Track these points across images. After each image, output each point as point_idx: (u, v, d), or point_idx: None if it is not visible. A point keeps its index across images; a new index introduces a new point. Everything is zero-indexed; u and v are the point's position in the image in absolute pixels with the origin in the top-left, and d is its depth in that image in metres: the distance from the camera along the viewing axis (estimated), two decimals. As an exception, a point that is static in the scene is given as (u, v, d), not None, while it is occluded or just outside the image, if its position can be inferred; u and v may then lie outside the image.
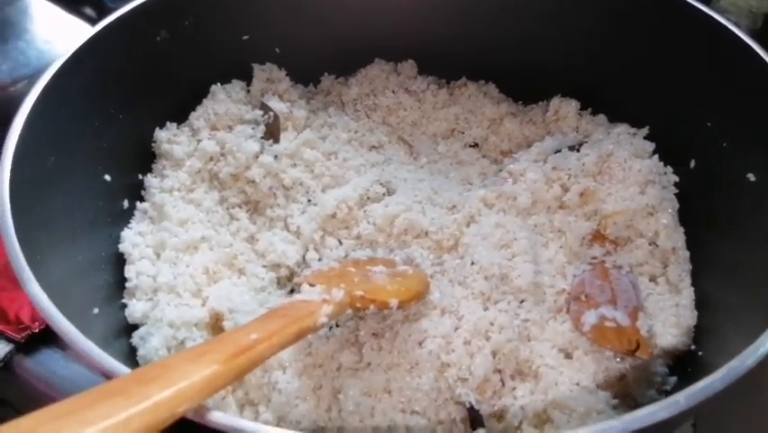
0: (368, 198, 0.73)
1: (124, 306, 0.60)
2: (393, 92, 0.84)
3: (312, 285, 0.53)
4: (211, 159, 0.72)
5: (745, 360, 0.39)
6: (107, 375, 0.37)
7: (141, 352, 0.56)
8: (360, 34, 0.82)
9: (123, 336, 0.57)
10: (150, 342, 0.56)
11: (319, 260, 0.68)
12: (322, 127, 0.80)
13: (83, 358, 0.38)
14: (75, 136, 0.59)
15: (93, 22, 0.87)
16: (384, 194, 0.73)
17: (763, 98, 0.57)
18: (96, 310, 0.54)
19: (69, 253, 0.55)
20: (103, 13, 0.67)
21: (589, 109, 0.78)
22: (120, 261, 0.63)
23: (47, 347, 0.70)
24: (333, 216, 0.70)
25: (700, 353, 0.55)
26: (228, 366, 0.36)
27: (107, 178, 0.63)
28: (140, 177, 0.70)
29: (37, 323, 0.70)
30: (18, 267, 0.42)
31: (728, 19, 0.63)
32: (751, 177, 0.57)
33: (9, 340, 0.69)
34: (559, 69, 0.78)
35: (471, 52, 0.82)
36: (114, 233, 0.64)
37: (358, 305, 0.53)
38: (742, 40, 0.60)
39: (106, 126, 0.64)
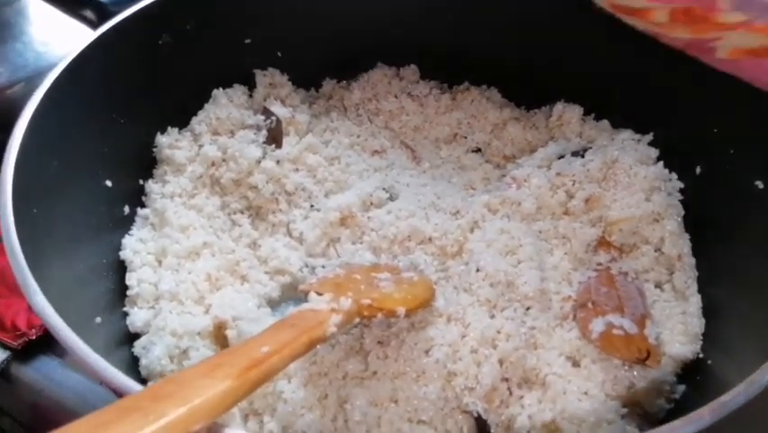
0: (371, 203, 0.72)
1: (126, 314, 0.59)
2: (395, 96, 0.83)
3: (319, 294, 0.52)
4: (213, 164, 0.71)
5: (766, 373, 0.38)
6: (116, 391, 0.37)
7: (143, 362, 0.55)
8: (362, 38, 0.82)
9: (124, 346, 0.56)
10: (152, 351, 0.55)
11: (322, 267, 0.67)
12: (324, 132, 0.80)
13: (92, 374, 0.37)
14: (77, 141, 0.58)
15: (93, 25, 0.87)
16: (387, 199, 0.73)
17: (770, 105, 0.57)
18: (98, 320, 0.53)
19: (71, 260, 0.54)
20: (103, 16, 0.66)
21: (593, 114, 0.78)
22: (121, 268, 0.62)
23: (44, 354, 0.69)
24: (336, 221, 0.69)
25: (709, 361, 0.54)
26: (241, 381, 0.35)
27: (108, 183, 0.63)
28: (141, 182, 0.69)
29: (34, 330, 0.69)
30: (22, 279, 0.41)
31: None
32: (759, 184, 0.57)
33: (5, 347, 0.68)
34: (562, 73, 0.78)
35: (474, 57, 0.82)
36: (115, 239, 0.63)
37: (365, 313, 0.52)
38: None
39: (108, 131, 0.63)
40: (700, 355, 0.56)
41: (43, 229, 0.50)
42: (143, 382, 0.55)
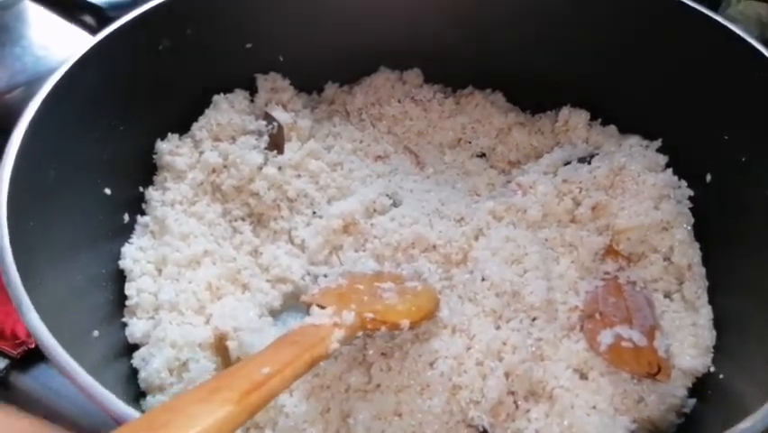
0: (374, 209, 0.71)
1: (125, 325, 0.58)
2: (399, 101, 0.82)
3: (322, 307, 0.51)
4: (213, 171, 0.70)
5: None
6: (107, 412, 0.36)
7: (142, 374, 0.54)
8: (364, 41, 0.81)
9: (123, 357, 0.55)
10: (151, 363, 0.54)
11: (325, 275, 0.66)
12: (326, 137, 0.79)
13: (87, 397, 0.36)
14: (75, 148, 0.57)
15: (92, 30, 0.86)
16: (390, 205, 0.72)
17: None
18: (95, 333, 0.52)
19: (69, 271, 0.53)
20: (103, 21, 0.65)
21: (599, 120, 0.77)
22: (120, 278, 0.61)
23: (43, 363, 0.68)
24: (339, 228, 0.68)
25: (721, 375, 0.53)
26: (242, 406, 0.34)
27: (107, 191, 0.62)
28: (140, 190, 0.68)
29: (33, 339, 0.68)
30: (16, 295, 0.40)
31: (737, 28, 0.61)
32: (771, 193, 0.55)
33: (5, 356, 0.67)
34: (568, 78, 0.76)
35: (478, 60, 0.81)
36: (115, 248, 0.62)
37: (369, 327, 0.51)
38: (760, 51, 0.58)
39: (107, 138, 0.62)
40: (712, 369, 0.54)
41: (40, 240, 0.49)
42: (142, 394, 0.54)
